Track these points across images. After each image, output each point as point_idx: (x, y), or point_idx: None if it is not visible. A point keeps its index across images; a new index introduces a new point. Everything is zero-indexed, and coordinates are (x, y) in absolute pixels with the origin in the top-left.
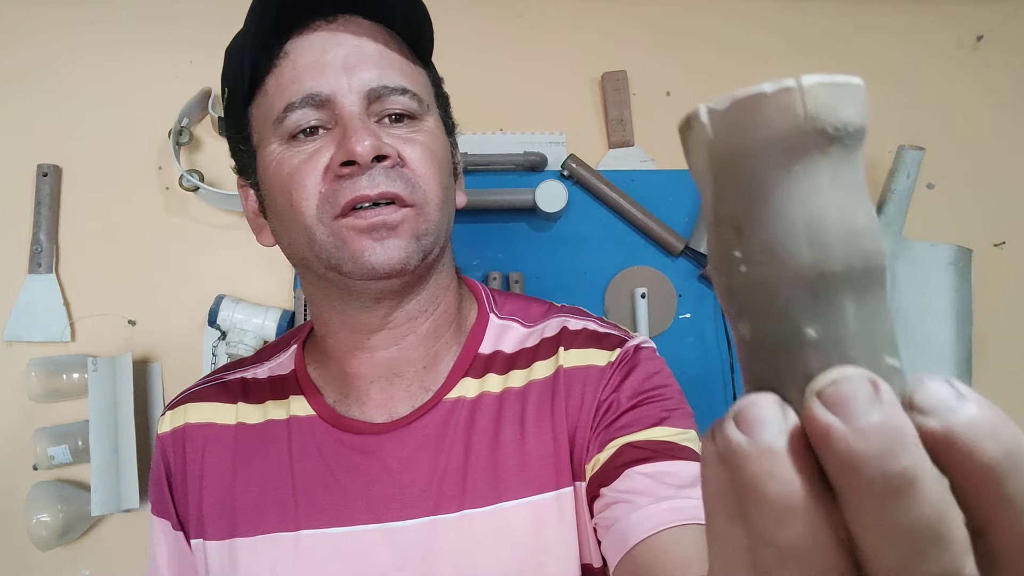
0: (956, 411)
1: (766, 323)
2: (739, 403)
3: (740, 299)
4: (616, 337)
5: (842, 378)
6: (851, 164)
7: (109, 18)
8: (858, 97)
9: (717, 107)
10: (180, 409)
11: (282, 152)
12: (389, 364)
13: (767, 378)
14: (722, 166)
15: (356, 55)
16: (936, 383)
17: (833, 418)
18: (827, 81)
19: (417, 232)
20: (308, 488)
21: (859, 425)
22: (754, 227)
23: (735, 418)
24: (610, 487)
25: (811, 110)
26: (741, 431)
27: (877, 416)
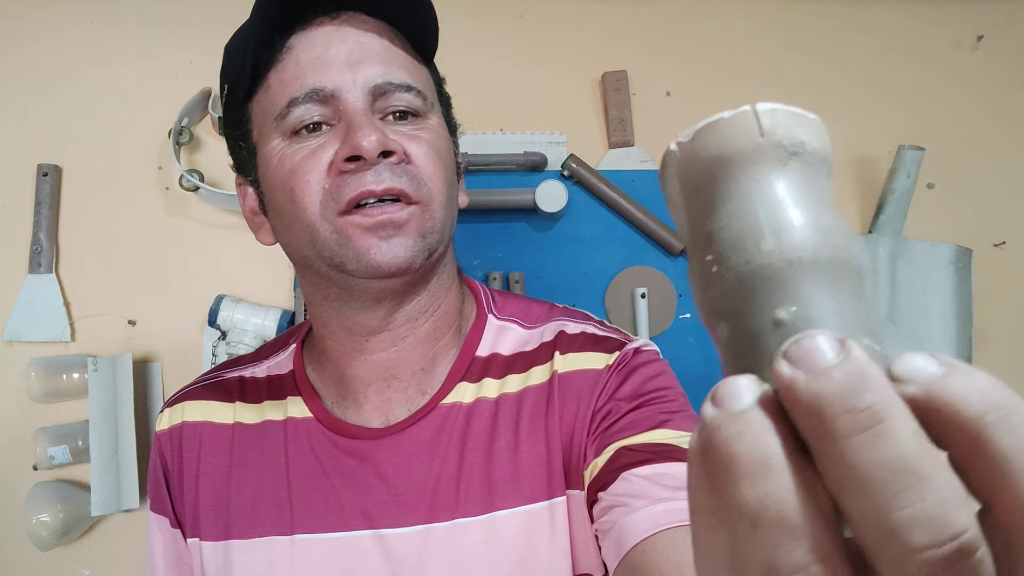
0: (937, 375)
1: (740, 317)
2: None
3: (716, 302)
4: (615, 340)
5: (807, 335)
6: (813, 179)
7: (109, 18)
8: (814, 127)
9: (683, 139)
10: (178, 407)
11: (284, 148)
12: (387, 366)
13: (743, 353)
14: (692, 188)
15: (360, 51)
16: (918, 355)
17: (798, 372)
18: (782, 108)
19: (423, 230)
20: (304, 492)
21: (821, 368)
22: (722, 229)
23: (711, 397)
24: (608, 491)
25: (767, 127)
26: (715, 406)
27: (839, 359)
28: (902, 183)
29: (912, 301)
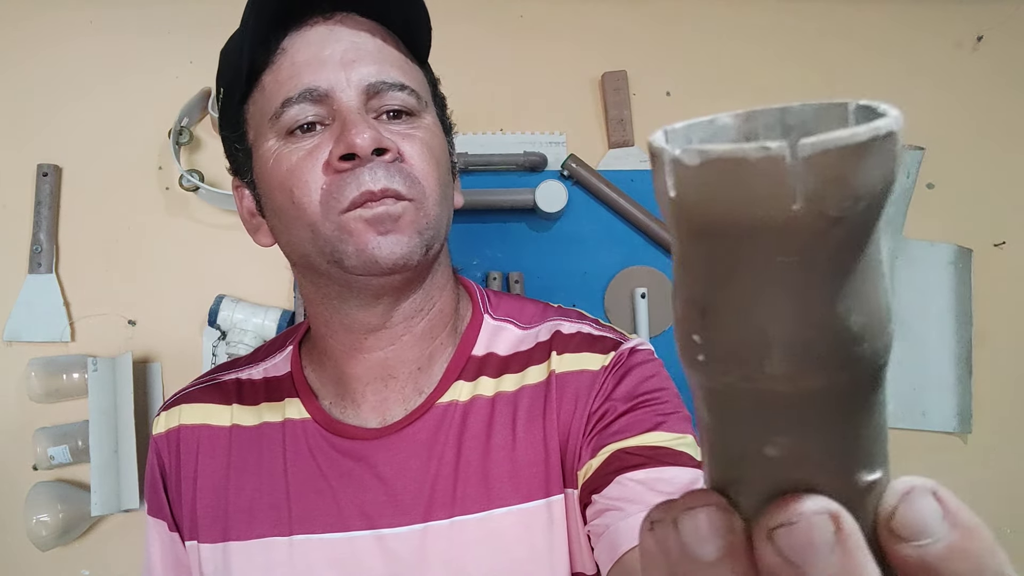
0: (937, 538)
1: (725, 423)
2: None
3: (697, 386)
4: (611, 340)
5: (799, 520)
6: (859, 246)
7: (109, 18)
8: (885, 151)
9: (684, 160)
10: (175, 410)
11: (279, 148)
12: (384, 365)
13: (721, 476)
14: (689, 234)
15: (354, 51)
16: (921, 502)
17: (784, 565)
18: (834, 144)
19: (419, 227)
20: (302, 493)
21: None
22: (719, 319)
23: (676, 523)
24: (602, 494)
25: (808, 189)
26: (681, 540)
27: (835, 566)
28: (902, 183)
29: (912, 301)
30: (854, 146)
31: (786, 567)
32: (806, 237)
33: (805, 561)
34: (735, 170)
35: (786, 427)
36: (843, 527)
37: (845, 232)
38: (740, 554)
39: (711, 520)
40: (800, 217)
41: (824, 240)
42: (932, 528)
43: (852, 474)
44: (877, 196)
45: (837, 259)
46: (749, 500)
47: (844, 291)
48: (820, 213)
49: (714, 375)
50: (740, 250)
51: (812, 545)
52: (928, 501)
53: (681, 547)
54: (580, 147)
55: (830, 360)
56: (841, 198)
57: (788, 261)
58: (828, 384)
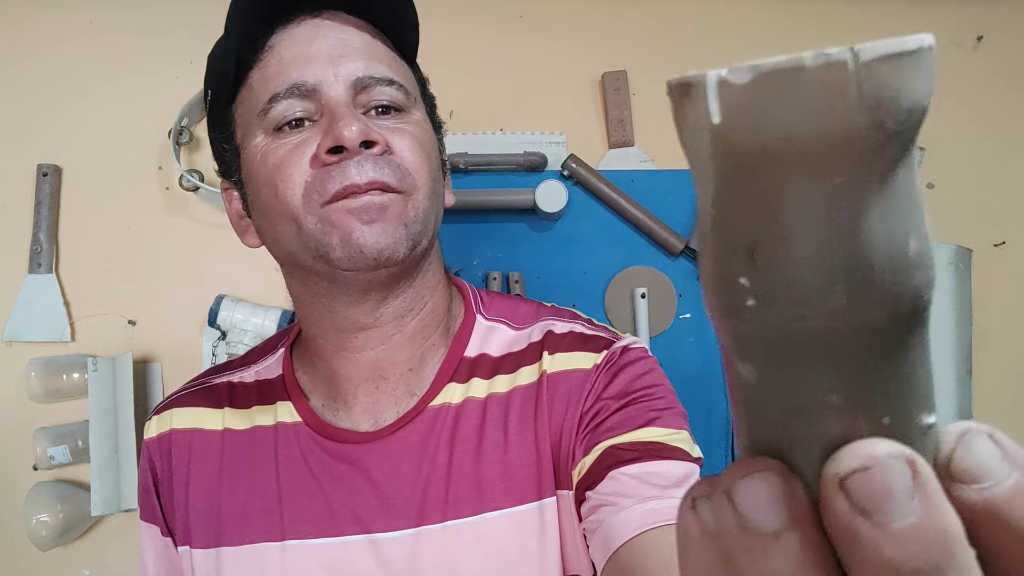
0: (1000, 479)
1: (777, 375)
2: (735, 476)
3: (743, 337)
4: (603, 339)
5: (873, 464)
6: (907, 165)
7: (109, 18)
8: (928, 66)
9: (732, 79)
10: (166, 414)
11: (267, 145)
12: (375, 365)
13: (770, 438)
14: (733, 167)
15: (342, 47)
16: (979, 443)
17: (860, 516)
18: (891, 50)
19: (406, 219)
20: (294, 497)
21: (895, 529)
22: (773, 255)
23: (730, 495)
24: (595, 490)
25: (869, 96)
26: (739, 512)
27: (918, 516)
28: None
29: None
30: (909, 53)
31: (862, 520)
32: (865, 154)
33: (884, 509)
34: (791, 82)
35: (849, 369)
36: (920, 472)
37: (898, 149)
38: (807, 521)
39: (771, 486)
40: (860, 131)
41: (881, 158)
42: (994, 469)
43: (912, 417)
44: (922, 112)
45: (893, 179)
46: (809, 460)
47: (901, 214)
48: (880, 126)
49: (767, 319)
50: (795, 174)
51: (891, 491)
52: (986, 442)
53: (738, 520)
54: (580, 147)
55: (892, 289)
56: (898, 110)
57: (846, 182)
58: (891, 316)
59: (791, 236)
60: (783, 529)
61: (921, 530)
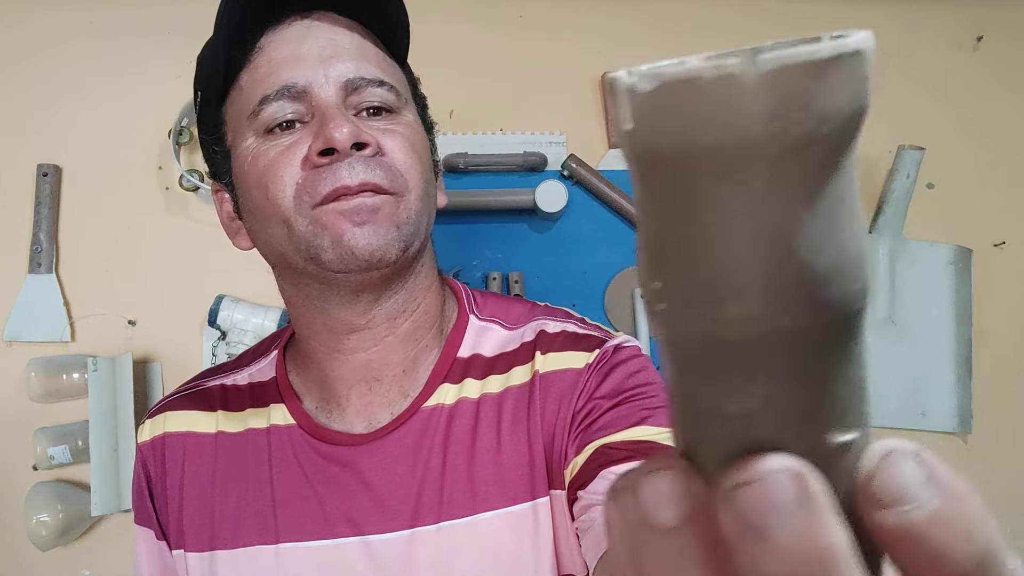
0: (920, 504)
1: (686, 378)
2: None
3: (659, 338)
4: (596, 338)
5: (759, 478)
6: (828, 172)
7: (109, 18)
8: (850, 71)
9: (639, 86)
10: (159, 418)
11: (257, 146)
12: (368, 367)
13: (684, 437)
14: (647, 170)
15: (332, 47)
16: (902, 465)
17: (742, 528)
18: (795, 59)
19: (398, 220)
20: (288, 500)
21: (775, 543)
22: (679, 259)
23: (635, 489)
24: (587, 489)
25: (767, 107)
26: (641, 506)
27: (798, 531)
28: (902, 183)
29: (912, 301)
30: (818, 62)
31: (746, 531)
32: (768, 163)
33: (766, 524)
34: (691, 91)
35: (748, 378)
36: (807, 487)
37: (810, 160)
38: (703, 520)
39: (671, 484)
40: (761, 140)
41: (787, 168)
42: (915, 493)
43: (821, 433)
44: (845, 121)
45: (802, 191)
46: (712, 462)
47: (810, 227)
48: (782, 135)
49: (675, 323)
50: (699, 181)
51: (773, 506)
52: (910, 464)
53: (640, 514)
54: (580, 147)
55: (793, 302)
56: (805, 119)
57: (749, 191)
58: (791, 329)
59: (696, 241)
60: (678, 526)
61: (801, 546)
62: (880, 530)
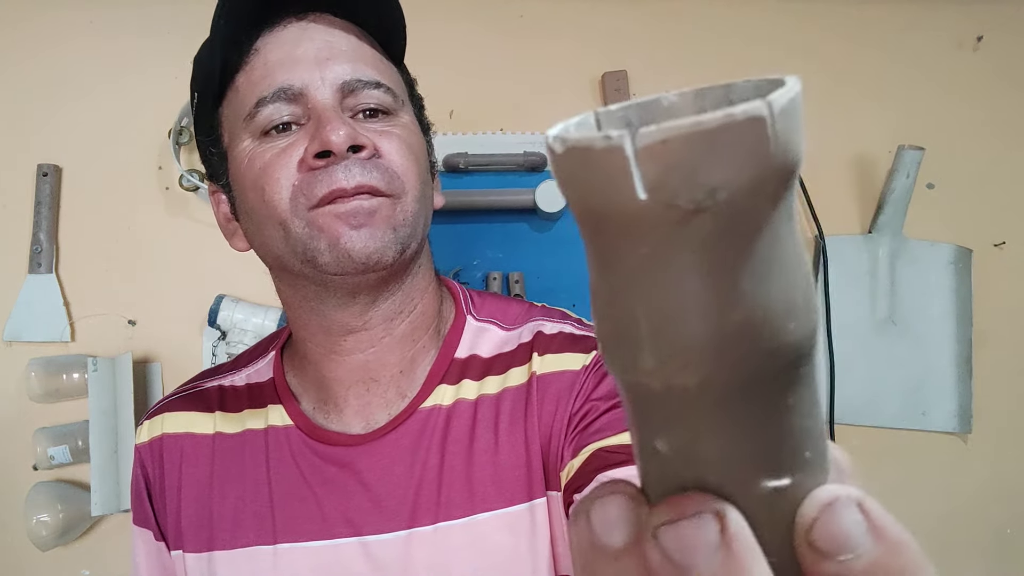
0: (859, 553)
1: (628, 415)
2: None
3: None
4: (592, 340)
5: (680, 518)
6: (736, 238)
7: (109, 18)
8: (744, 138)
9: (555, 148)
10: (157, 419)
11: (254, 148)
12: (365, 368)
13: (637, 461)
14: (575, 219)
15: (328, 49)
16: (843, 514)
17: (667, 566)
18: (676, 132)
19: (394, 223)
20: (285, 500)
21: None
22: (602, 307)
23: (588, 511)
24: (583, 493)
25: (651, 179)
26: (592, 528)
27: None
28: (902, 183)
29: (912, 301)
30: (700, 133)
31: (669, 567)
32: (659, 229)
33: (687, 562)
34: (586, 159)
35: (668, 424)
36: (729, 527)
37: (708, 224)
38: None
39: (619, 509)
40: (650, 209)
41: (682, 232)
42: (854, 542)
43: (749, 478)
44: (744, 186)
45: (703, 252)
46: (654, 495)
47: (714, 285)
48: (669, 205)
49: (610, 365)
50: (606, 240)
51: (694, 545)
52: (851, 513)
53: (591, 536)
54: None
55: (700, 358)
56: (690, 189)
57: (647, 253)
58: (702, 383)
59: (611, 294)
60: (622, 549)
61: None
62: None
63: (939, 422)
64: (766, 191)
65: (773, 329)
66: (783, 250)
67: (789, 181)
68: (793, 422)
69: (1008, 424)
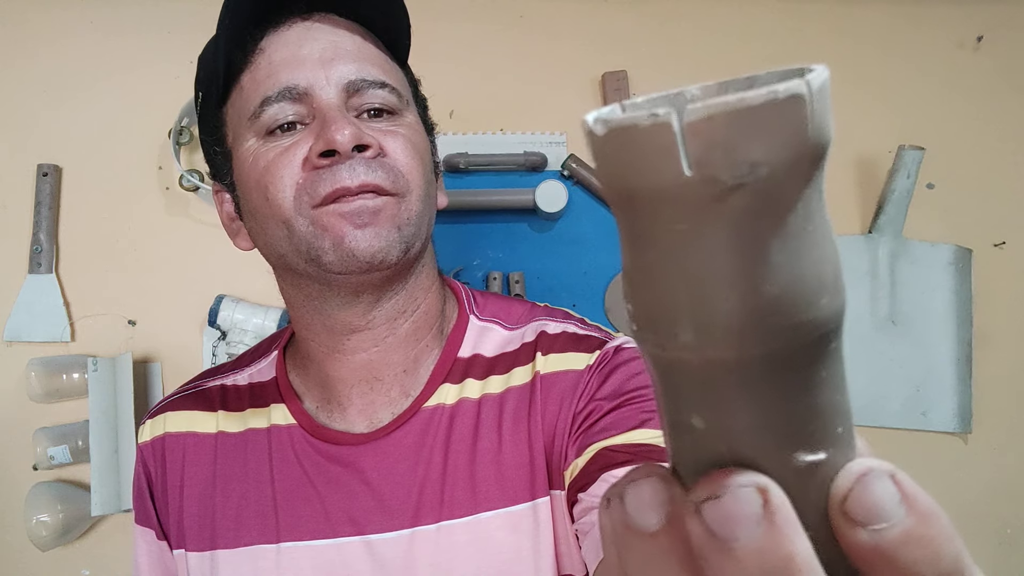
0: (893, 523)
1: (661, 389)
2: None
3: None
4: (596, 339)
5: (723, 491)
6: (771, 213)
7: (110, 18)
8: (784, 115)
9: (595, 130)
10: (159, 418)
11: (258, 148)
12: (369, 367)
13: (669, 445)
14: (611, 201)
15: (333, 49)
16: (877, 485)
17: (709, 539)
18: (723, 108)
19: (399, 222)
20: (288, 499)
21: (739, 553)
22: (637, 287)
23: (622, 496)
24: (588, 492)
25: (696, 155)
26: (626, 511)
27: (761, 542)
28: (902, 183)
29: (912, 301)
30: (745, 110)
31: (713, 541)
32: (701, 204)
33: (730, 535)
34: (631, 138)
35: (705, 399)
36: (771, 501)
37: (748, 199)
38: (682, 526)
39: (653, 490)
40: (692, 184)
41: (722, 207)
42: (888, 512)
43: (785, 452)
44: (783, 162)
45: (742, 226)
46: (687, 472)
47: (752, 260)
48: (713, 179)
49: (642, 343)
50: (646, 217)
51: (737, 518)
52: (885, 484)
53: (626, 518)
54: (580, 147)
55: (739, 332)
56: (733, 164)
57: (688, 228)
58: (740, 357)
59: (648, 271)
60: (659, 530)
61: (763, 555)
62: (853, 548)
63: (939, 422)
64: (802, 167)
65: (806, 302)
66: (815, 226)
67: (822, 159)
68: (826, 396)
69: (1008, 424)
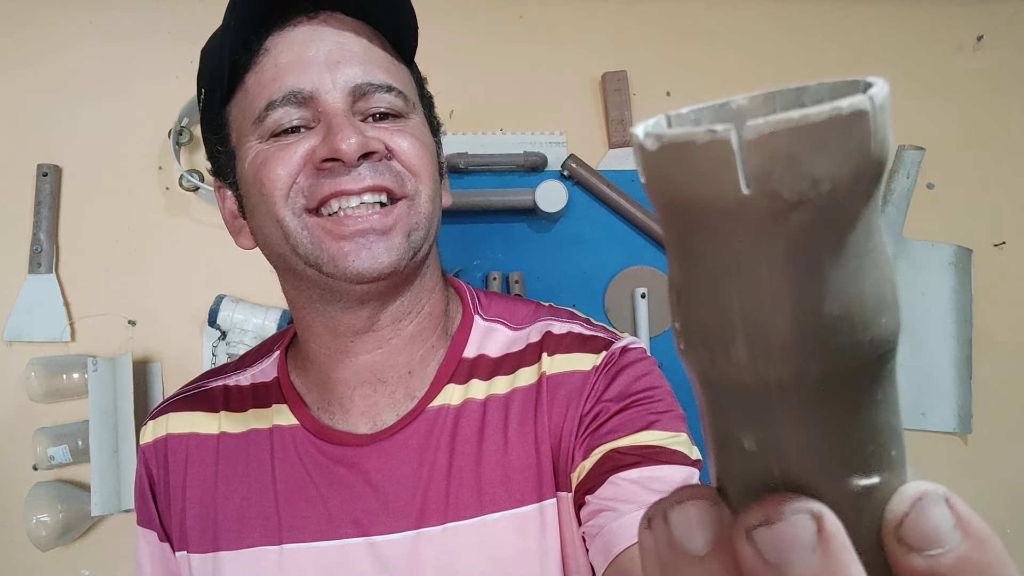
0: (948, 548)
1: (710, 409)
2: (674, 500)
3: (688, 373)
4: (602, 340)
5: (778, 517)
6: (832, 230)
7: (110, 18)
8: (848, 131)
9: (646, 145)
10: (162, 419)
11: (261, 148)
12: (372, 369)
13: (715, 465)
14: (660, 215)
15: (339, 51)
16: (933, 510)
17: (762, 564)
18: (785, 124)
19: (409, 227)
20: (291, 501)
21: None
22: (689, 304)
23: (667, 517)
24: (595, 494)
25: (756, 172)
26: (672, 533)
27: (814, 569)
28: (902, 183)
29: (912, 301)
30: (807, 127)
31: (765, 567)
32: (761, 221)
33: (784, 561)
34: (686, 154)
35: (758, 419)
36: (825, 527)
37: (809, 216)
38: (730, 548)
39: (700, 513)
40: (752, 200)
41: (783, 224)
42: (944, 537)
43: (840, 476)
44: (846, 179)
45: (803, 244)
46: (737, 493)
47: (812, 278)
48: (773, 196)
49: (691, 362)
50: (701, 234)
51: (792, 545)
52: (941, 509)
53: (671, 541)
54: (580, 147)
55: (797, 350)
56: (795, 181)
57: (746, 245)
58: (797, 376)
59: (701, 288)
60: (707, 552)
61: None
62: (907, 573)
63: (939, 422)
64: (864, 184)
65: (866, 323)
66: (874, 244)
67: (883, 175)
68: (882, 418)
69: (1008, 424)
